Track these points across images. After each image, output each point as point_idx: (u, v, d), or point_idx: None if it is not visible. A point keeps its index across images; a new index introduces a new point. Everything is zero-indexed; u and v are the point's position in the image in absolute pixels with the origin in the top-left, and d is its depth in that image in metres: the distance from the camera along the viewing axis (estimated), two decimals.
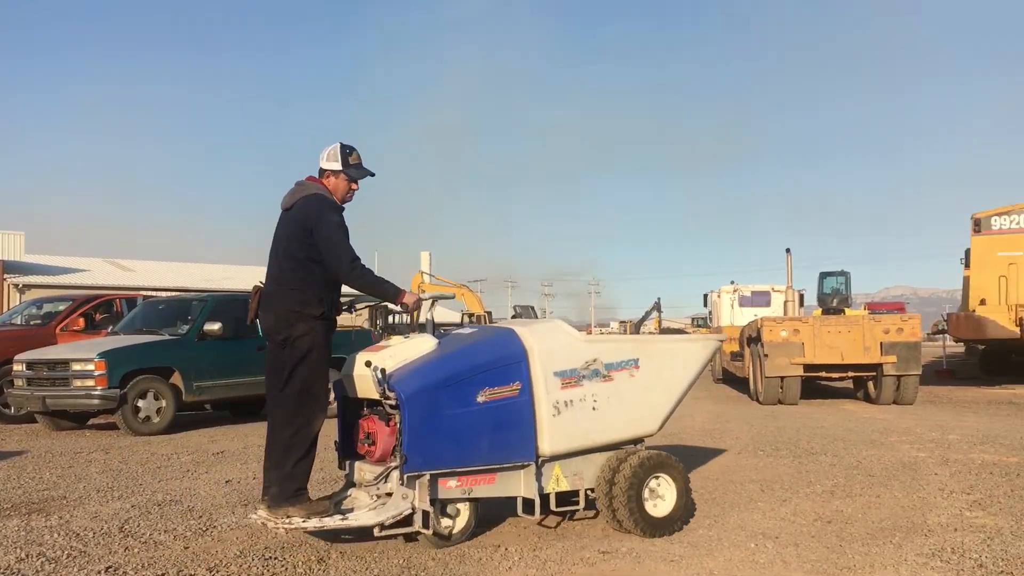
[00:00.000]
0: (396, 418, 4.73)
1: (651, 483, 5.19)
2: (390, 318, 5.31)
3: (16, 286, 34.80)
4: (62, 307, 14.20)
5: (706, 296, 31.93)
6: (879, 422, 11.74)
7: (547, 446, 4.93)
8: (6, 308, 29.28)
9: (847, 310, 22.21)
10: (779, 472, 7.47)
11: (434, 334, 5.11)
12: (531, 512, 4.96)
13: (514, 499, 5.00)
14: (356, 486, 5.09)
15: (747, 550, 4.87)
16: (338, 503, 4.96)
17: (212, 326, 11.18)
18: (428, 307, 5.63)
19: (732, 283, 29.14)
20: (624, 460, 5.15)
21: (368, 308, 5.44)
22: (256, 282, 5.23)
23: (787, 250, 18.85)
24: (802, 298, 24.55)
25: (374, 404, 4.98)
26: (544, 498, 5.01)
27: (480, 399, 4.78)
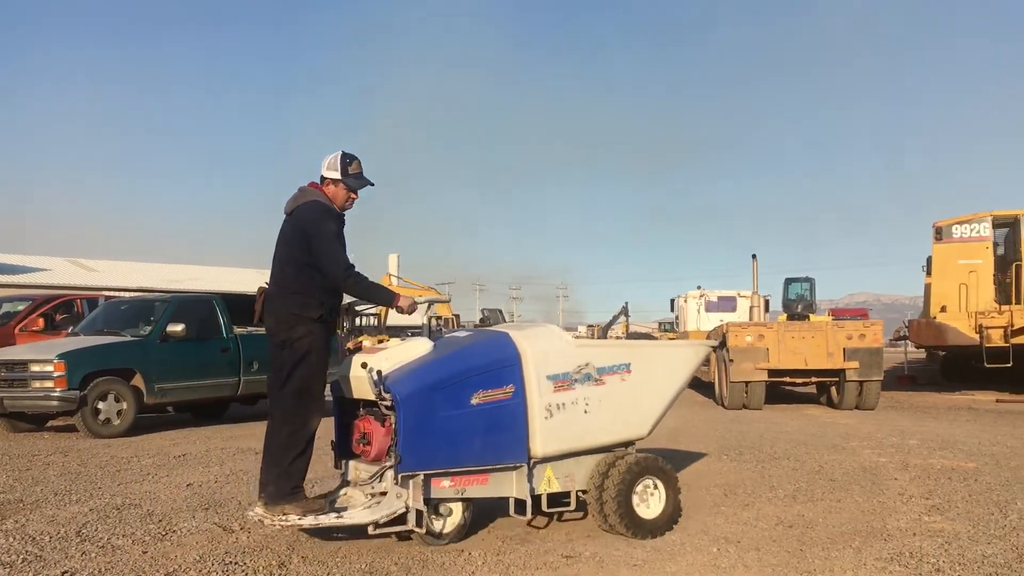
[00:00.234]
0: (391, 419, 4.80)
1: (641, 486, 5.29)
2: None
3: None
4: (21, 307, 13.98)
5: (673, 301, 32.17)
6: (841, 427, 11.87)
7: (539, 448, 5.02)
8: None
9: (812, 316, 22.51)
10: (742, 476, 7.53)
11: (430, 337, 5.24)
12: (523, 512, 5.04)
13: (506, 500, 5.07)
14: (351, 485, 5.19)
15: (709, 554, 4.90)
16: (333, 501, 5.06)
17: (175, 327, 11.03)
18: (424, 310, 5.67)
19: (699, 288, 29.38)
20: (615, 463, 5.24)
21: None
22: (261, 284, 5.34)
23: (753, 256, 19.03)
24: (767, 304, 24.81)
25: (370, 405, 5.06)
26: (536, 499, 5.08)
27: (474, 401, 4.86)
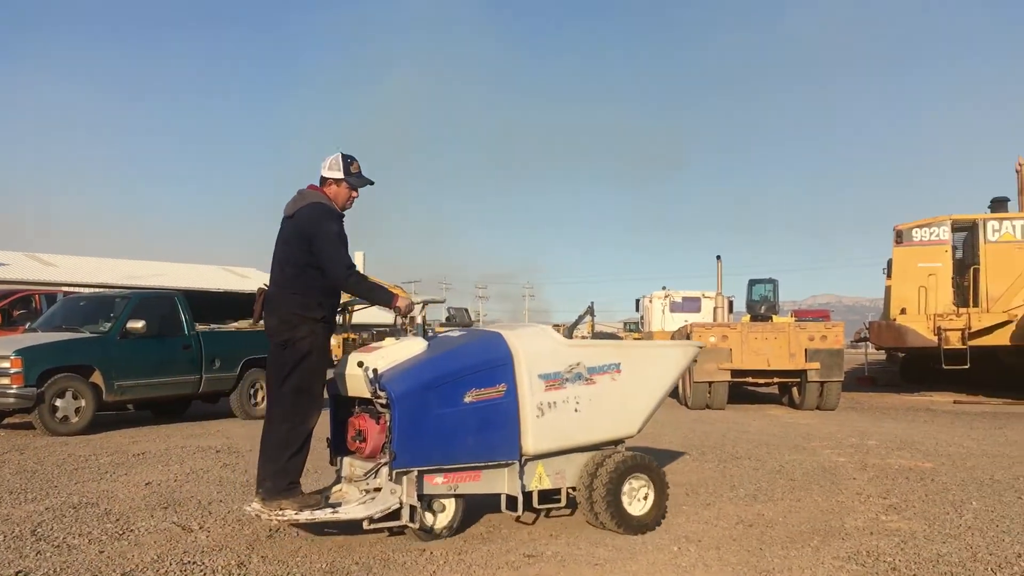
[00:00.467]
0: (386, 416, 4.87)
1: (630, 483, 5.38)
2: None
3: None
4: None
5: (638, 301, 32.37)
6: (802, 427, 12.01)
7: (531, 446, 5.11)
8: None
9: (775, 317, 22.67)
10: (704, 476, 7.58)
11: (425, 336, 5.34)
12: (514, 509, 5.12)
13: (497, 496, 5.16)
14: (346, 481, 5.26)
15: (670, 553, 4.93)
16: (328, 497, 5.12)
17: (135, 324, 10.86)
18: (420, 310, 5.73)
19: (664, 288, 29.58)
20: (604, 460, 5.34)
21: None
22: (260, 284, 5.39)
23: (718, 257, 19.16)
24: (731, 304, 25.03)
25: (365, 403, 5.13)
26: (527, 495, 5.17)
27: (467, 399, 4.96)
